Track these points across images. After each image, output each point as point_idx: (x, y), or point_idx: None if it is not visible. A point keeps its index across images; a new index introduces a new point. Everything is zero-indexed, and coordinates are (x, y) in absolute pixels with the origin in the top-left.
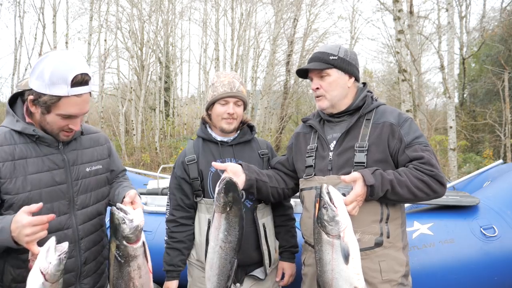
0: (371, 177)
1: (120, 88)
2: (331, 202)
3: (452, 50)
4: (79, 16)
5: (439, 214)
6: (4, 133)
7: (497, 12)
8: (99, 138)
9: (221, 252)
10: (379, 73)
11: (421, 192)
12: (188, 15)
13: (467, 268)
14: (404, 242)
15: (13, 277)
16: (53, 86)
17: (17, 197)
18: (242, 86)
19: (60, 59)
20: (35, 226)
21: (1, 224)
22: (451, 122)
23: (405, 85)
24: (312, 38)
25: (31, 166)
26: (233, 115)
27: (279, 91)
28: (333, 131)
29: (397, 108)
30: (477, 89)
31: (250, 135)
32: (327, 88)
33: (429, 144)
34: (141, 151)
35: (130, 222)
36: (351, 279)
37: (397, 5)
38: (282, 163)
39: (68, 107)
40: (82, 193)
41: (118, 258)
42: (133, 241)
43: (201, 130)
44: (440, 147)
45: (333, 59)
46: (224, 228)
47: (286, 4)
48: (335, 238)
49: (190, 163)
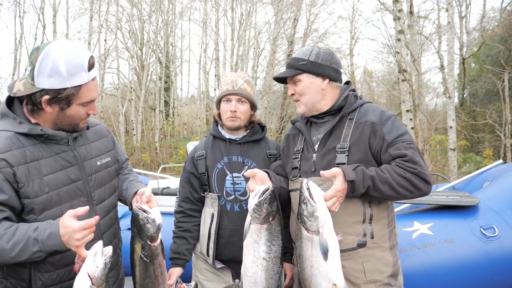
0: (352, 173)
1: (120, 88)
2: (310, 198)
3: (452, 50)
4: (79, 16)
5: (439, 214)
6: (9, 137)
7: (497, 12)
8: (103, 130)
9: (266, 264)
10: (379, 73)
11: (403, 189)
12: (188, 15)
13: (467, 268)
14: (392, 242)
15: (42, 282)
16: (73, 77)
17: (36, 200)
18: (247, 84)
19: (66, 50)
20: (85, 230)
21: (49, 230)
22: (451, 122)
23: (405, 85)
24: (312, 38)
25: (44, 167)
26: (235, 112)
27: (279, 91)
28: (318, 132)
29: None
30: (477, 89)
31: (260, 135)
32: (301, 93)
33: (413, 141)
34: (141, 151)
35: (153, 221)
36: (330, 276)
37: (397, 5)
38: (282, 166)
39: (89, 93)
40: (97, 188)
41: (144, 258)
42: (155, 239)
43: (212, 128)
44: (440, 147)
45: (302, 64)
46: (267, 239)
47: (286, 4)
48: (314, 234)
49: (199, 159)
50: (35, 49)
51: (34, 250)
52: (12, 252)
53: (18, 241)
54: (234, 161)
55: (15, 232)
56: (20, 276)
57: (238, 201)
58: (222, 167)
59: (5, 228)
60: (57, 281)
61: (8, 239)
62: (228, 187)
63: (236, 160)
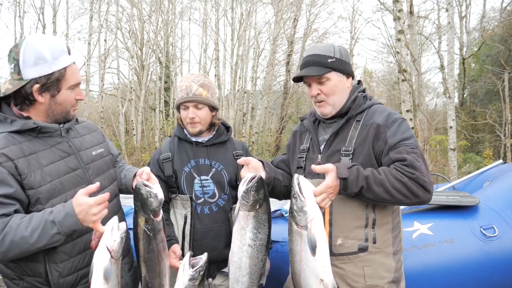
0: (345, 170)
1: (120, 88)
2: (300, 192)
3: (452, 50)
4: (79, 16)
5: (439, 214)
6: (4, 136)
7: (497, 12)
8: (91, 125)
9: (251, 251)
10: (379, 73)
11: (398, 193)
12: (188, 15)
13: (467, 268)
14: (396, 247)
15: (59, 272)
16: (57, 60)
17: (41, 189)
18: (202, 88)
19: (44, 38)
20: (100, 204)
21: (64, 211)
22: (451, 122)
23: (405, 85)
24: (312, 38)
25: (43, 158)
26: (193, 119)
27: (279, 91)
28: (325, 132)
29: (397, 108)
30: (477, 89)
31: (226, 136)
32: (329, 93)
33: (417, 146)
34: (141, 151)
35: (155, 196)
36: (318, 271)
37: (397, 5)
38: (284, 162)
39: (74, 76)
40: (96, 176)
41: (147, 232)
42: (158, 214)
43: (177, 129)
44: (440, 147)
45: (332, 61)
46: (253, 226)
47: (286, 4)
48: (303, 228)
49: (165, 161)
50: (13, 46)
51: (53, 233)
52: (32, 238)
53: (35, 226)
54: (201, 164)
55: (31, 219)
56: (36, 272)
57: (207, 204)
58: (190, 171)
59: (20, 218)
60: (72, 270)
61: (26, 226)
62: (197, 190)
63: (203, 163)
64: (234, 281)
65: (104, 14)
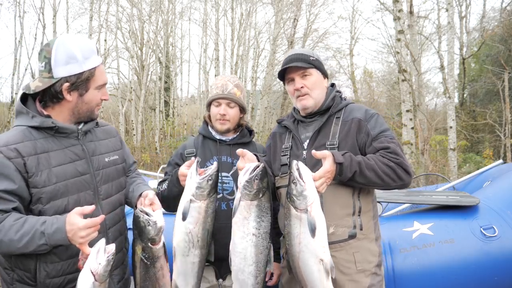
0: (340, 156)
1: (120, 88)
2: (300, 177)
3: (452, 50)
4: (79, 16)
5: (439, 214)
6: (22, 131)
7: (497, 12)
8: (111, 131)
9: (255, 240)
10: (379, 73)
11: (387, 177)
12: (188, 15)
13: (467, 268)
14: (377, 233)
15: (47, 272)
16: (88, 60)
17: (44, 190)
18: (236, 88)
19: (76, 39)
20: (89, 228)
21: (56, 225)
22: (451, 122)
23: (405, 85)
24: (312, 38)
25: (53, 159)
26: (225, 116)
27: (279, 91)
28: (306, 130)
29: (397, 108)
30: (477, 89)
31: (249, 138)
32: (311, 87)
33: (395, 137)
34: (141, 151)
35: (154, 224)
36: (317, 252)
37: (397, 5)
38: (267, 163)
39: (101, 76)
40: (104, 183)
41: (144, 260)
42: (157, 242)
43: (202, 128)
44: (440, 147)
45: (313, 60)
46: (256, 215)
47: (286, 4)
48: (303, 212)
49: (189, 155)
50: (45, 45)
51: (40, 243)
52: (20, 243)
53: (26, 233)
54: (223, 161)
55: (23, 224)
56: (26, 267)
57: (225, 200)
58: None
59: (14, 220)
60: (61, 272)
61: (17, 230)
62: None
63: (225, 160)
64: (239, 271)
65: (104, 14)
